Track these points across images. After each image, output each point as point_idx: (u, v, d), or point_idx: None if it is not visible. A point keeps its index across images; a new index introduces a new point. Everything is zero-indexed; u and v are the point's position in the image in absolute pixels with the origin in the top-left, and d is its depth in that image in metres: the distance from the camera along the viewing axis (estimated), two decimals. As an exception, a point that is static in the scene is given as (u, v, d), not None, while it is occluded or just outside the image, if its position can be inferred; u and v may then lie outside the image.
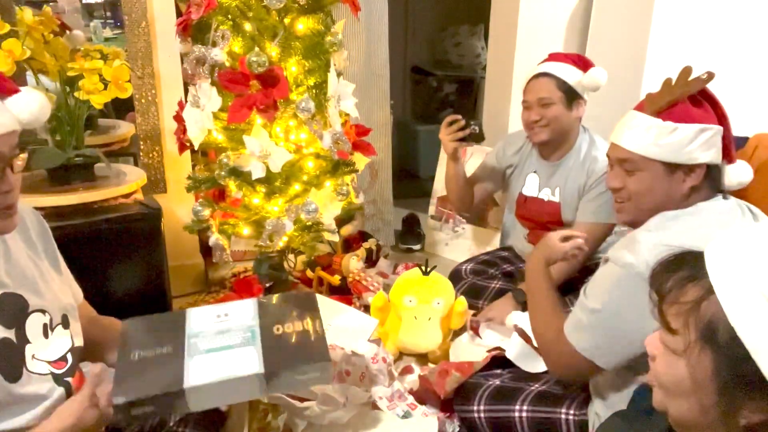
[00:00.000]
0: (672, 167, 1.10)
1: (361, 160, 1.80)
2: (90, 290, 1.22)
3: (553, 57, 1.76)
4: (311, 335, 1.05)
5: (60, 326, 1.02)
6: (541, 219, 1.85)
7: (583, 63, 1.73)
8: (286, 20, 1.59)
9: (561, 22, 2.46)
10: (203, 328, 1.04)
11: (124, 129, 2.08)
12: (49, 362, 0.97)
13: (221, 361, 0.98)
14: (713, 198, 1.13)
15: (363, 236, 2.35)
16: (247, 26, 1.56)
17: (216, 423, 1.17)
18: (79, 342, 1.06)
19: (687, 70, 1.11)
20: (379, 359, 1.47)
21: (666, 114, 1.10)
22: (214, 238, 1.69)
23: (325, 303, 1.67)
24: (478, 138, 1.80)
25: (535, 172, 1.86)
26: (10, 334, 0.93)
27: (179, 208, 2.09)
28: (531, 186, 1.87)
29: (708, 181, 1.11)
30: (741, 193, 1.19)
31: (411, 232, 2.72)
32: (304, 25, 1.60)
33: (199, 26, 1.60)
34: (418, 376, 1.48)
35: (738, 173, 1.15)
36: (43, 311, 0.98)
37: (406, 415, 1.35)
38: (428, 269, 1.75)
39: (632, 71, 2.10)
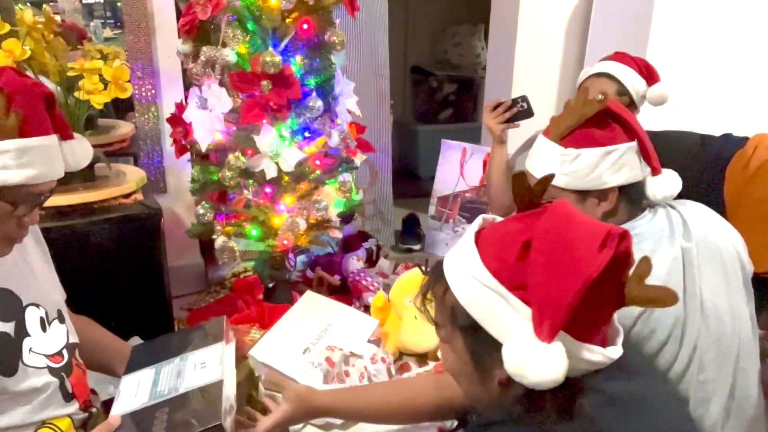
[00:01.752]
0: (583, 194, 1.07)
1: (358, 157, 1.81)
2: (89, 290, 1.23)
3: (619, 57, 1.66)
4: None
5: (56, 320, 1.02)
6: None
7: (648, 72, 1.65)
8: (288, 20, 1.59)
9: (561, 22, 2.46)
10: (180, 368, 1.04)
11: (124, 129, 2.08)
12: (46, 356, 0.98)
13: (200, 365, 1.01)
14: (638, 218, 1.09)
15: (363, 236, 2.35)
16: (251, 26, 1.56)
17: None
18: (74, 338, 1.06)
19: (585, 90, 1.08)
20: (378, 359, 1.47)
21: (568, 140, 1.07)
22: (221, 240, 1.69)
23: (325, 303, 1.67)
24: (527, 114, 1.72)
25: None
26: (8, 327, 0.93)
27: (179, 208, 2.09)
28: None
29: (624, 203, 1.08)
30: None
31: (411, 232, 2.71)
32: (308, 24, 1.61)
33: (202, 27, 1.60)
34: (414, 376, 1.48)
35: (663, 186, 1.10)
36: (37, 305, 0.99)
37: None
38: (428, 269, 1.75)
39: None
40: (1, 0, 1.80)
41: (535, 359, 0.64)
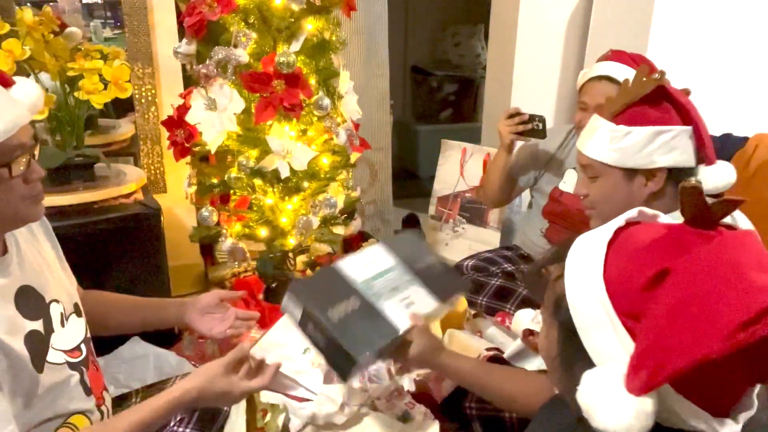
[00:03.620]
0: (631, 172, 1.07)
1: (353, 155, 1.83)
2: (89, 289, 1.23)
3: (617, 56, 1.64)
4: (438, 266, 1.13)
5: (74, 315, 1.03)
6: (574, 215, 1.82)
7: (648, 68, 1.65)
8: (290, 20, 1.59)
9: (561, 22, 2.46)
10: (365, 277, 1.04)
11: (124, 129, 2.08)
12: (65, 351, 0.98)
13: (405, 304, 1.03)
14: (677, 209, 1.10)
15: (363, 236, 2.35)
16: (259, 26, 1.57)
17: (215, 421, 1.17)
18: (89, 333, 1.07)
19: (643, 70, 1.08)
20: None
21: (620, 117, 1.07)
22: (230, 242, 1.68)
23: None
24: (539, 134, 1.74)
25: (574, 168, 1.83)
26: (37, 325, 0.93)
27: (179, 208, 2.09)
28: (570, 181, 1.84)
29: (672, 187, 1.07)
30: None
31: (411, 232, 2.71)
32: (313, 25, 1.62)
33: (208, 27, 1.60)
34: (413, 380, 1.48)
35: (716, 176, 1.08)
36: (57, 300, 1.00)
37: (405, 415, 1.35)
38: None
39: (632, 71, 2.10)
40: (1, 0, 1.80)
41: (610, 407, 0.53)
